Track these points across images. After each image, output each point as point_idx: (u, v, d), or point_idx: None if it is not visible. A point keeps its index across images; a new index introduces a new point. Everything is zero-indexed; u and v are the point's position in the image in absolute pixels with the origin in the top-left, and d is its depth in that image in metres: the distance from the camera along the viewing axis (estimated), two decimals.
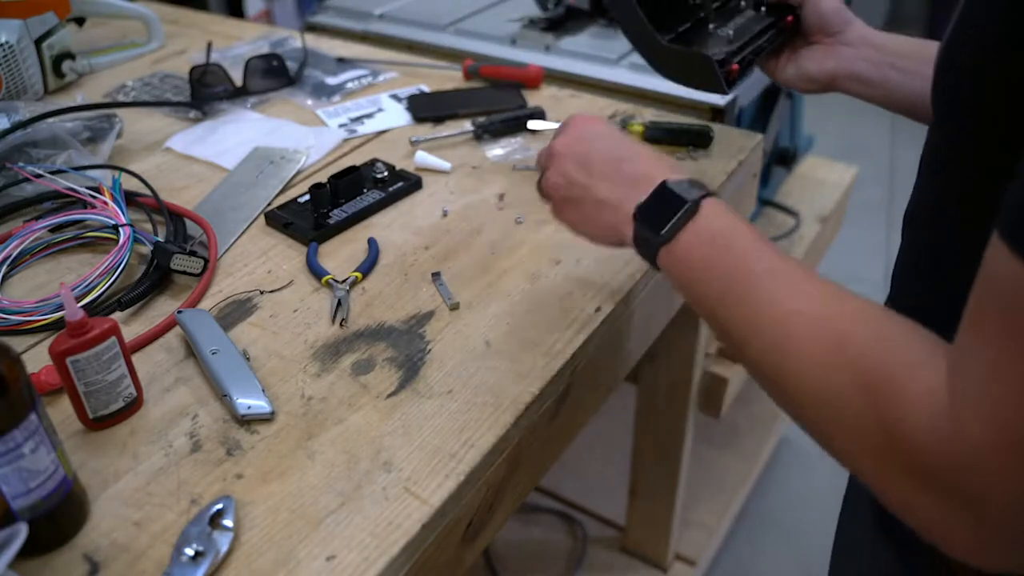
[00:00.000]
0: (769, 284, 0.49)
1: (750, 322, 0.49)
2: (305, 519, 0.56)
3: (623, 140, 0.63)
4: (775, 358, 0.47)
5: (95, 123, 0.99)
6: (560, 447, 0.75)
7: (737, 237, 0.53)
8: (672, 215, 0.55)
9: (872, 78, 0.78)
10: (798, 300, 0.48)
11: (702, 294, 0.54)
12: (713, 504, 1.61)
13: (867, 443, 0.42)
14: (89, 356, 0.60)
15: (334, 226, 0.85)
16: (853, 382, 0.42)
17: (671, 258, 0.56)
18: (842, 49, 0.80)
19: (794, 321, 0.47)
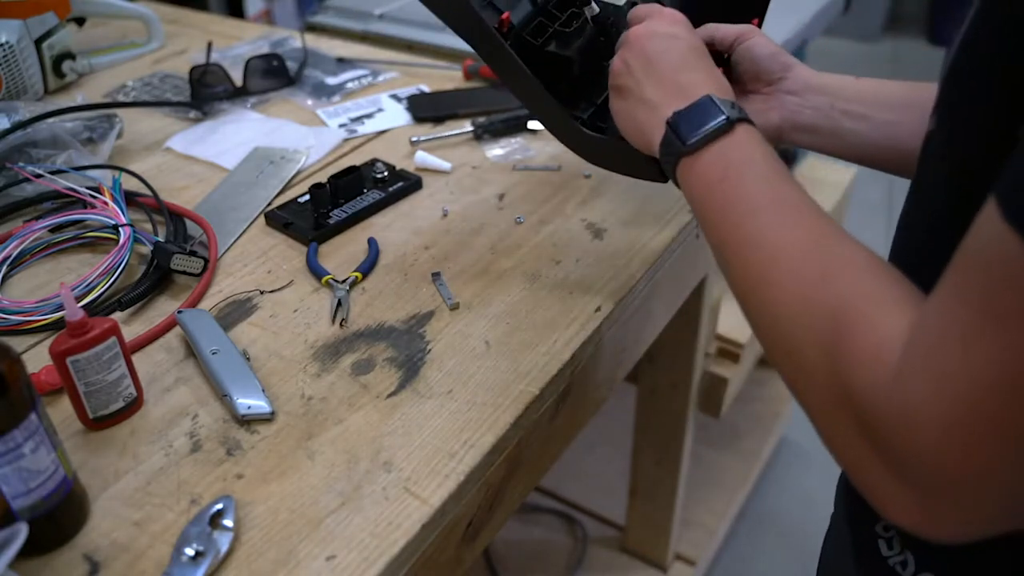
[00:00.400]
0: (770, 214, 0.49)
1: (742, 246, 0.50)
2: (305, 519, 0.56)
3: (695, 51, 0.61)
4: (756, 285, 0.48)
5: (95, 123, 0.99)
6: (560, 447, 0.75)
7: (756, 167, 0.52)
8: (703, 127, 0.54)
9: (822, 127, 0.69)
10: (792, 232, 0.48)
11: (709, 214, 0.53)
12: (713, 504, 1.61)
13: (821, 388, 0.42)
14: (89, 356, 0.60)
15: (334, 226, 0.86)
16: (823, 324, 0.42)
17: (689, 171, 0.55)
18: (785, 98, 0.70)
19: (783, 253, 0.47)
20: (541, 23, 0.73)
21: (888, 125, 0.67)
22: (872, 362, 0.39)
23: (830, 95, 0.69)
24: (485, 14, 0.69)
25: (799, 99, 0.70)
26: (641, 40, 0.62)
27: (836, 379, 0.40)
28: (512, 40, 0.69)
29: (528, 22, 0.72)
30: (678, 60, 0.60)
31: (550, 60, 0.71)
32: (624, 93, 0.62)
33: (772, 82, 0.70)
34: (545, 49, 0.72)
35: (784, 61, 0.70)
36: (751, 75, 0.71)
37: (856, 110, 0.68)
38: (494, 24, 0.68)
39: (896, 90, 0.69)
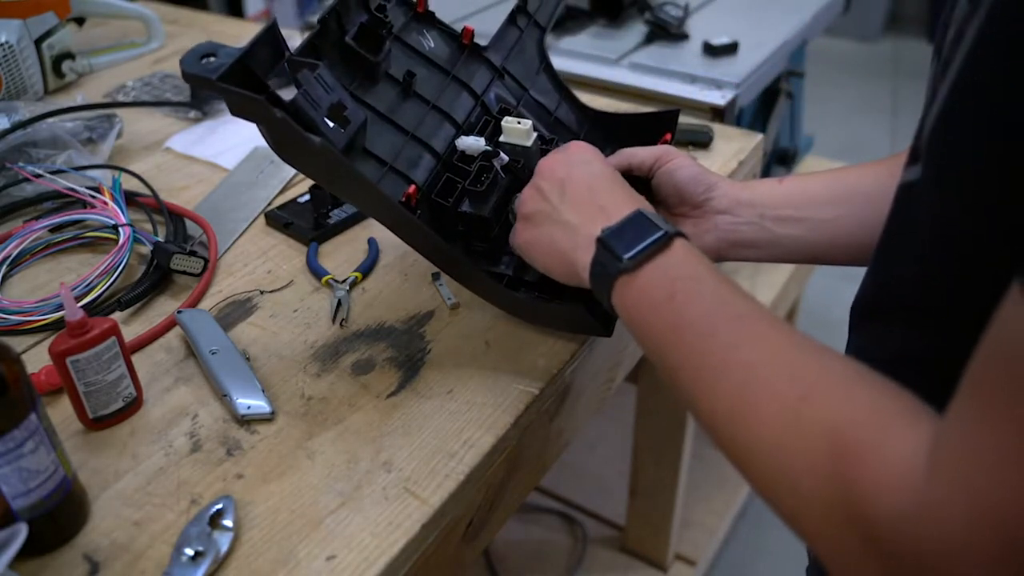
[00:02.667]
0: (731, 333, 0.45)
1: (705, 371, 0.46)
2: (305, 519, 0.56)
3: (611, 175, 0.60)
4: (730, 412, 0.43)
5: (95, 123, 0.99)
6: (560, 447, 0.75)
7: (704, 282, 0.49)
8: (640, 242, 0.51)
9: (759, 240, 0.67)
10: (759, 350, 0.44)
11: (656, 335, 0.49)
12: (713, 504, 1.61)
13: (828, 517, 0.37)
14: (89, 356, 0.60)
15: (334, 226, 0.86)
16: (816, 446, 0.38)
17: (628, 290, 0.51)
18: (716, 219, 0.67)
19: (753, 373, 0.43)
20: (449, 179, 0.69)
21: (825, 223, 0.65)
22: (894, 485, 0.34)
23: (759, 206, 0.67)
24: (387, 182, 0.65)
25: (730, 217, 0.67)
26: (554, 167, 0.61)
27: (846, 509, 0.36)
28: (422, 205, 0.67)
29: (435, 180, 0.69)
30: (595, 183, 0.58)
31: (465, 220, 0.68)
32: (537, 220, 0.60)
33: (699, 204, 0.68)
34: (458, 210, 0.68)
35: (708, 181, 0.68)
36: (675, 199, 0.69)
37: (789, 215, 0.66)
38: (399, 198, 0.65)
39: (822, 186, 0.67)
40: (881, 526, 0.35)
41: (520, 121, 0.70)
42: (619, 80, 1.21)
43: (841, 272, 2.32)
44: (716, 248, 0.68)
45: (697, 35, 1.35)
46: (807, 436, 0.39)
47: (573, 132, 0.80)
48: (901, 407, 0.38)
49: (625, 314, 0.52)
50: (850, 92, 3.33)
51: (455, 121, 0.72)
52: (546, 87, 0.82)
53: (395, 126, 0.69)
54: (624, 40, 1.38)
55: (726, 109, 1.19)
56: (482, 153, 0.69)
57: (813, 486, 0.38)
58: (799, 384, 0.41)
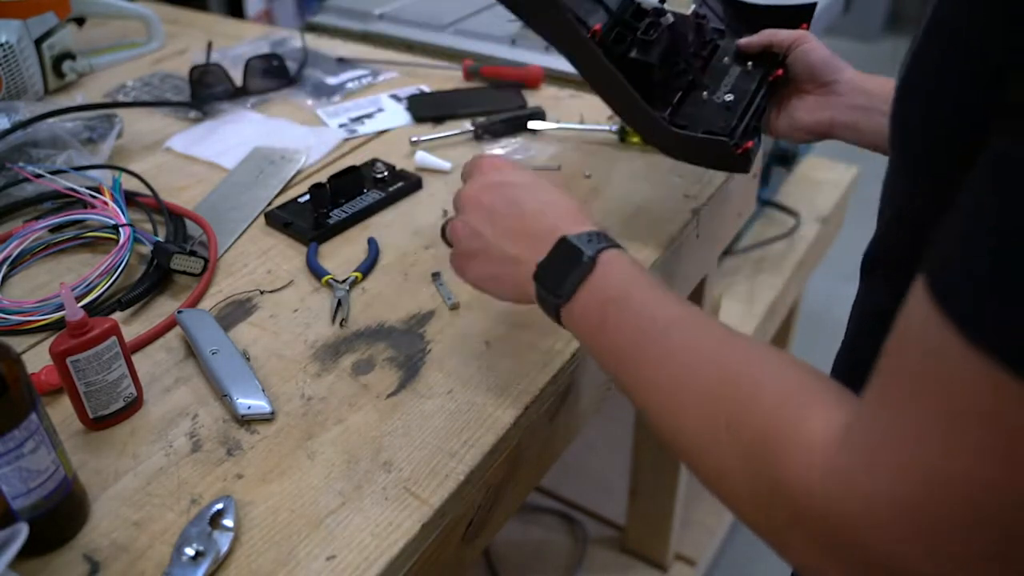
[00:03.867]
0: (663, 340, 0.49)
1: (645, 386, 0.49)
2: (305, 519, 0.56)
3: (531, 188, 0.60)
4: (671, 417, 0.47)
5: (95, 123, 0.99)
6: (560, 447, 0.75)
7: (632, 294, 0.52)
8: (568, 273, 0.53)
9: (865, 126, 0.76)
10: (691, 353, 0.47)
11: (603, 353, 0.53)
12: (713, 504, 1.60)
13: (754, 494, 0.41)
14: (89, 356, 0.60)
15: (334, 226, 0.86)
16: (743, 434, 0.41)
17: (571, 317, 0.55)
18: (834, 99, 0.79)
19: (683, 381, 0.46)
20: (620, 32, 0.78)
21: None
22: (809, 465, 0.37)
23: (875, 97, 0.76)
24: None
25: (847, 99, 0.78)
26: (474, 199, 0.61)
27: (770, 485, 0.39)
28: (600, 49, 0.74)
29: (608, 32, 0.78)
30: (520, 205, 0.59)
31: (632, 66, 0.77)
32: (481, 257, 0.60)
33: (824, 84, 0.79)
34: (628, 56, 0.77)
35: (835, 65, 0.78)
36: (805, 77, 0.80)
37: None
38: (587, 35, 0.73)
39: None
40: (799, 499, 0.37)
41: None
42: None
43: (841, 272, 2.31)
44: (829, 124, 0.79)
45: None
46: (736, 426, 0.42)
47: (719, 16, 0.90)
48: (821, 393, 0.41)
49: (575, 334, 0.56)
50: None
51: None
52: None
53: None
54: None
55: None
56: (654, 9, 0.79)
57: (742, 468, 0.41)
58: (727, 383, 0.44)
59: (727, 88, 0.82)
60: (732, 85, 0.83)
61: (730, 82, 0.83)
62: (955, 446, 0.32)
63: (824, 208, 1.65)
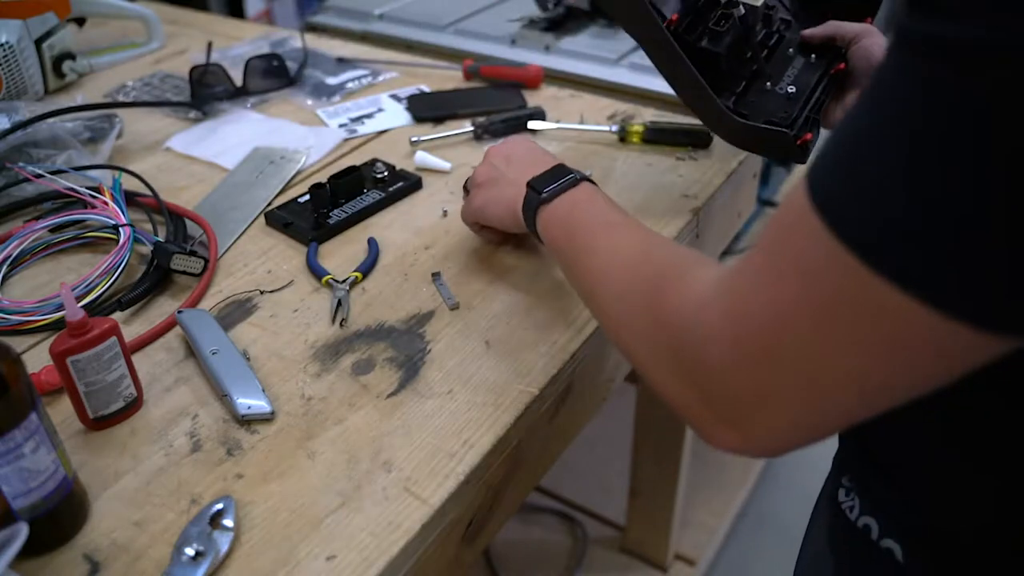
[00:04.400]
0: (604, 231, 0.61)
1: (583, 257, 0.61)
2: (305, 519, 0.56)
3: (544, 151, 0.76)
4: (598, 282, 0.58)
5: (95, 123, 0.99)
6: (560, 447, 0.75)
7: (595, 205, 0.65)
8: (555, 182, 0.67)
9: None
10: (622, 239, 0.59)
11: (560, 247, 0.65)
12: (713, 504, 1.61)
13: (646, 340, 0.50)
14: (89, 356, 0.60)
15: (334, 226, 0.86)
16: (644, 289, 0.51)
17: (545, 216, 0.67)
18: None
19: (614, 254, 0.58)
20: (692, 21, 0.81)
21: None
22: (686, 304, 0.46)
23: None
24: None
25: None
26: (498, 149, 0.78)
27: (658, 328, 0.48)
28: (673, 36, 0.77)
29: (681, 21, 0.81)
30: (532, 153, 0.75)
31: (701, 55, 0.79)
32: (489, 185, 0.76)
33: None
34: (698, 45, 0.80)
35: None
36: (866, 71, 0.81)
37: None
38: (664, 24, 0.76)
39: None
40: (671, 324, 0.46)
41: None
42: (619, 80, 1.21)
43: None
44: None
45: None
46: (640, 286, 0.52)
47: (785, 7, 0.91)
48: (710, 260, 0.51)
49: (544, 235, 0.68)
50: None
51: None
52: None
53: None
54: (624, 40, 1.38)
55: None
56: (728, 1, 0.81)
57: (640, 318, 0.51)
58: (643, 253, 0.56)
59: (790, 79, 0.83)
60: (795, 76, 0.84)
61: (793, 73, 0.84)
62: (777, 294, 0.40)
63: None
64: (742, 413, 0.43)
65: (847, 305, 0.37)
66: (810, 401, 0.40)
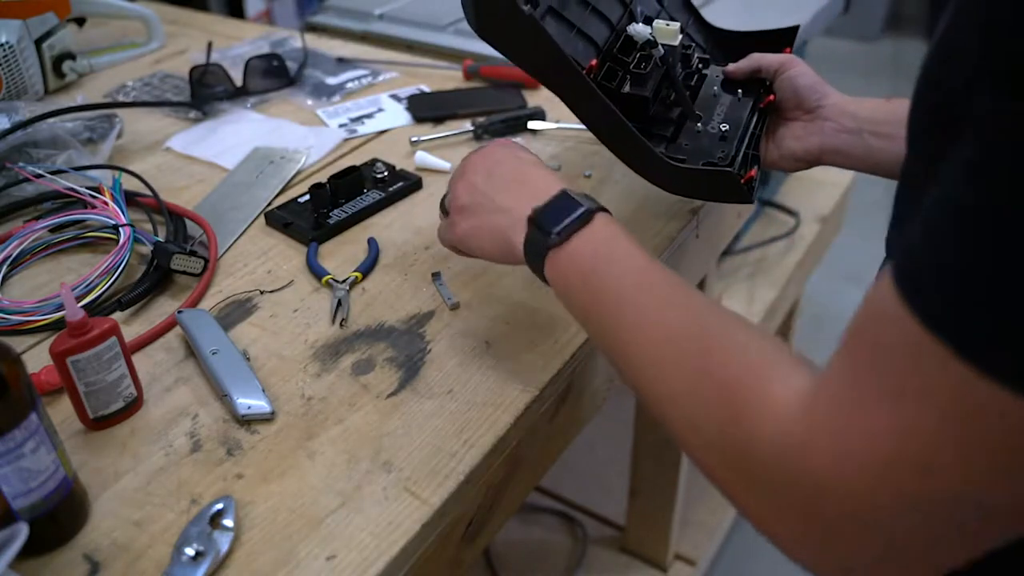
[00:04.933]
0: (647, 293, 0.51)
1: (625, 335, 0.51)
2: (305, 519, 0.56)
3: (531, 160, 0.64)
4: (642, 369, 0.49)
5: (95, 123, 0.99)
6: (560, 447, 0.75)
7: (621, 253, 0.54)
8: (566, 218, 0.56)
9: (855, 150, 0.76)
10: (668, 312, 0.50)
11: (583, 306, 0.55)
12: (713, 504, 1.61)
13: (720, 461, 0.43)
14: (89, 356, 0.60)
15: (334, 226, 0.86)
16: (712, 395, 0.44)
17: (557, 263, 0.56)
18: (822, 124, 0.78)
19: (662, 334, 0.49)
20: (611, 67, 0.77)
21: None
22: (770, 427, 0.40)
23: (863, 120, 0.75)
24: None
25: (835, 125, 0.77)
26: (477, 161, 0.65)
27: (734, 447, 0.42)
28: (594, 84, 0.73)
29: (600, 66, 0.77)
30: (519, 167, 0.63)
31: (625, 101, 0.75)
32: (473, 211, 0.63)
33: (811, 109, 0.78)
34: (621, 91, 0.76)
35: (822, 91, 0.78)
36: (792, 103, 0.79)
37: (884, 131, 0.74)
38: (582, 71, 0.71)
39: None
40: (761, 460, 0.40)
41: (669, 23, 0.79)
42: None
43: (841, 272, 2.30)
44: (819, 150, 0.78)
45: None
46: (706, 387, 0.45)
47: (702, 47, 0.89)
48: (783, 358, 0.43)
49: (555, 285, 0.57)
50: (850, 92, 3.32)
51: (610, 23, 0.80)
52: (677, 6, 0.90)
53: (564, 20, 0.75)
54: None
55: None
56: (645, 41, 0.77)
57: (710, 429, 0.44)
58: (700, 343, 0.47)
59: (720, 117, 0.81)
60: (725, 114, 0.81)
61: (722, 111, 0.82)
62: (906, 426, 0.34)
63: (824, 208, 1.65)
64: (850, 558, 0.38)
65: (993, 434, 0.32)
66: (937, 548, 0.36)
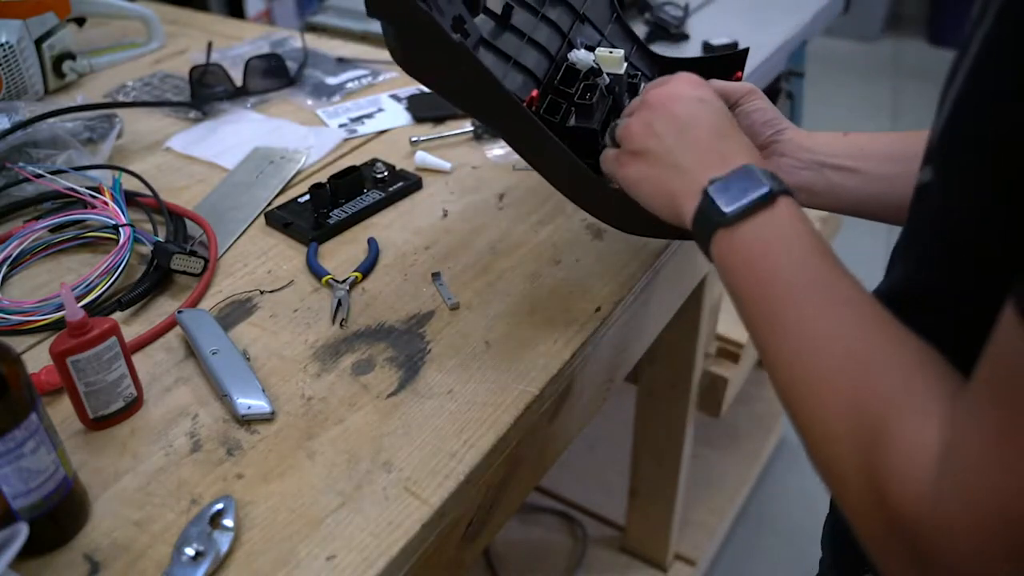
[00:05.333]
0: (811, 299, 0.47)
1: (777, 332, 0.47)
2: (305, 519, 0.56)
3: (727, 117, 0.59)
4: (790, 378, 0.46)
5: (95, 123, 0.99)
6: (560, 447, 0.75)
7: (797, 245, 0.49)
8: (744, 198, 0.51)
9: (815, 185, 0.70)
10: (834, 321, 0.45)
11: (745, 292, 0.50)
12: (713, 504, 1.61)
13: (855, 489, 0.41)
14: (89, 356, 0.60)
15: (334, 226, 0.86)
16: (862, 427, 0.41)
17: (726, 243, 0.51)
18: (779, 161, 0.70)
19: (824, 345, 0.45)
20: (553, 100, 0.72)
21: (880, 179, 0.66)
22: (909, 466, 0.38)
23: (820, 154, 0.69)
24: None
25: (792, 160, 0.70)
26: (668, 102, 0.59)
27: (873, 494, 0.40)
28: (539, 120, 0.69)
29: (541, 98, 0.72)
30: (713, 124, 0.58)
31: (571, 135, 0.70)
32: (649, 158, 0.59)
33: (765, 145, 0.71)
34: (566, 126, 0.71)
35: (778, 125, 0.71)
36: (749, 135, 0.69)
37: (846, 165, 0.68)
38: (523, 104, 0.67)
39: (884, 143, 0.68)
40: (894, 499, 0.38)
41: (612, 50, 0.74)
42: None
43: None
44: None
45: (697, 35, 1.35)
46: (850, 412, 0.41)
47: (647, 76, 0.83)
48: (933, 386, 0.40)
49: (719, 264, 0.53)
50: (850, 92, 3.33)
51: (549, 54, 0.76)
52: (619, 35, 0.84)
53: (497, 51, 0.71)
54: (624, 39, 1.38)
55: None
56: (588, 70, 0.72)
57: (852, 460, 0.41)
58: (853, 364, 0.43)
59: None
60: None
61: None
62: None
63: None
64: None
65: None
66: None
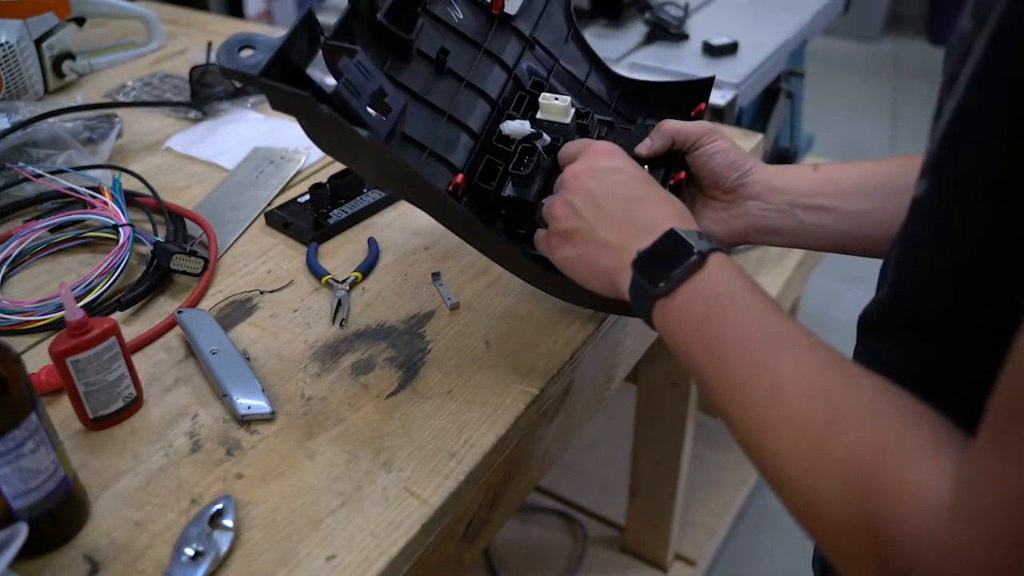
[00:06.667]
0: (762, 352, 0.46)
1: (735, 391, 0.46)
2: (305, 519, 0.56)
3: (642, 180, 0.59)
4: (759, 431, 0.44)
5: (95, 123, 0.99)
6: (560, 447, 0.75)
7: (739, 300, 0.49)
8: (674, 267, 0.51)
9: (785, 227, 0.67)
10: (790, 370, 0.44)
11: (694, 357, 0.50)
12: (713, 504, 1.61)
13: (849, 539, 0.39)
14: (89, 356, 0.60)
15: (334, 226, 0.86)
16: (840, 474, 0.39)
17: (666, 315, 0.51)
18: (747, 204, 0.67)
19: (781, 394, 0.44)
20: (490, 162, 0.68)
21: (855, 215, 0.65)
22: (916, 515, 0.36)
23: (791, 194, 0.67)
24: (428, 167, 0.65)
25: (761, 203, 0.67)
26: (582, 178, 0.59)
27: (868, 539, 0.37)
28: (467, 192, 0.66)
29: (475, 162, 0.68)
30: (628, 194, 0.58)
31: (508, 204, 0.68)
32: (576, 238, 0.59)
33: (731, 189, 0.68)
34: (502, 195, 0.68)
35: (743, 167, 0.68)
36: (710, 181, 0.69)
37: (819, 204, 0.66)
38: (445, 187, 0.65)
39: (855, 177, 0.66)
40: (900, 551, 0.36)
41: (558, 98, 0.70)
42: None
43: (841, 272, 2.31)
44: (744, 232, 0.68)
45: (697, 35, 1.35)
46: (832, 463, 0.39)
47: (604, 102, 0.79)
48: (926, 437, 0.38)
49: (664, 335, 0.52)
50: (850, 92, 3.32)
51: (490, 98, 0.71)
52: (575, 56, 0.79)
53: (431, 107, 0.67)
54: (624, 40, 1.38)
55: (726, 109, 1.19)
56: (527, 136, 0.68)
57: (837, 514, 0.39)
58: (826, 408, 0.41)
59: None
60: None
61: None
62: None
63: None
64: None
65: None
66: None
